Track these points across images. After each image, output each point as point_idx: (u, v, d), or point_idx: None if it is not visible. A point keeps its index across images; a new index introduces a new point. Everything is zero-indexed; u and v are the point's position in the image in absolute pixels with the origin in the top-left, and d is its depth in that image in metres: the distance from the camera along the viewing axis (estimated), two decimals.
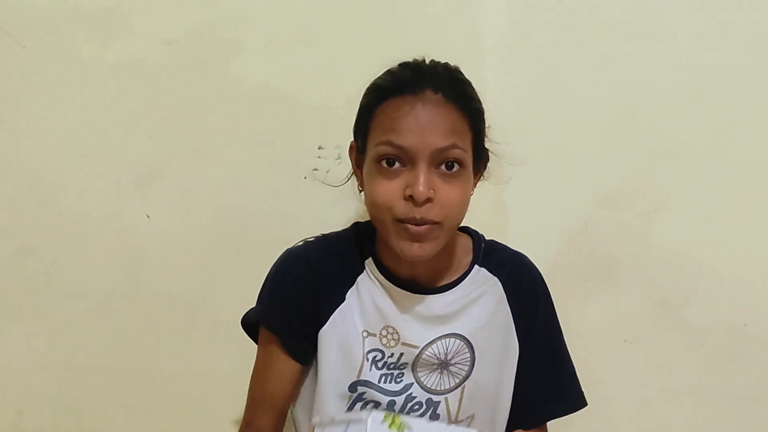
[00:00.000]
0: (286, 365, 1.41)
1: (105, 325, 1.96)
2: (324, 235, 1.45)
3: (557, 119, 1.83)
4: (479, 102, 1.36)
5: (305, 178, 1.84)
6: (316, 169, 1.43)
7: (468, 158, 1.31)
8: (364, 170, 1.33)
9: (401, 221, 1.28)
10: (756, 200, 1.80)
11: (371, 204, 1.31)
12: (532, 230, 1.84)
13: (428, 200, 1.26)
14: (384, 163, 1.27)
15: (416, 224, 1.26)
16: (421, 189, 1.25)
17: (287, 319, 1.38)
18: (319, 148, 1.85)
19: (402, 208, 1.27)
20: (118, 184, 1.94)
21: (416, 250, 1.29)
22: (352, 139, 1.41)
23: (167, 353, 1.95)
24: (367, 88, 1.38)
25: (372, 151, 1.30)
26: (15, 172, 1.95)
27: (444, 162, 1.28)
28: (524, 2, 1.83)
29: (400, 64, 1.38)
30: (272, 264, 1.44)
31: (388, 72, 1.37)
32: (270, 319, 1.40)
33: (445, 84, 1.31)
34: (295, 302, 1.38)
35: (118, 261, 1.95)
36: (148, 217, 1.94)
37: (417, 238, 1.28)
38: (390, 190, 1.27)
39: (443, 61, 1.38)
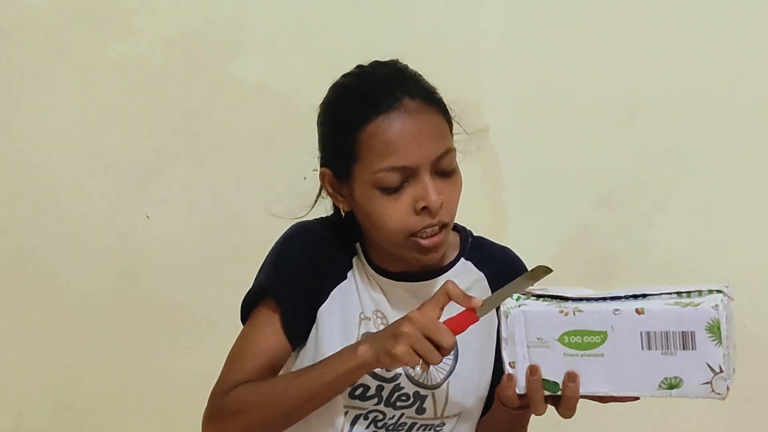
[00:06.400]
0: (275, 339, 1.37)
1: (105, 325, 1.97)
2: (325, 217, 1.46)
3: (556, 120, 1.83)
4: (438, 91, 1.35)
5: (305, 178, 1.84)
6: (316, 170, 1.43)
7: (455, 153, 1.31)
8: (358, 195, 1.30)
9: (413, 235, 1.28)
10: (755, 200, 1.80)
11: (379, 228, 1.29)
12: (531, 231, 1.84)
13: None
14: (388, 187, 1.27)
15: (429, 235, 1.28)
16: (434, 199, 1.25)
17: (292, 290, 1.36)
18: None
19: (416, 222, 1.27)
20: (118, 184, 1.94)
21: (432, 257, 1.30)
22: (320, 165, 1.38)
23: (166, 353, 1.96)
24: (330, 109, 1.35)
25: (369, 178, 1.27)
26: (15, 172, 1.96)
27: (442, 167, 1.28)
28: (523, 3, 1.83)
29: (356, 75, 1.36)
30: (279, 237, 1.44)
31: (350, 88, 1.33)
32: (276, 289, 1.37)
33: (416, 87, 1.30)
34: (302, 273, 1.36)
35: (118, 261, 1.95)
36: (147, 217, 1.94)
37: (433, 249, 1.29)
38: (399, 209, 1.27)
39: (387, 60, 1.36)
